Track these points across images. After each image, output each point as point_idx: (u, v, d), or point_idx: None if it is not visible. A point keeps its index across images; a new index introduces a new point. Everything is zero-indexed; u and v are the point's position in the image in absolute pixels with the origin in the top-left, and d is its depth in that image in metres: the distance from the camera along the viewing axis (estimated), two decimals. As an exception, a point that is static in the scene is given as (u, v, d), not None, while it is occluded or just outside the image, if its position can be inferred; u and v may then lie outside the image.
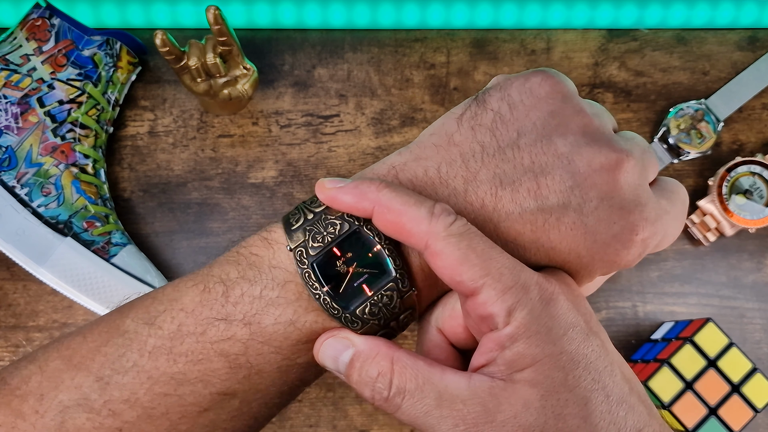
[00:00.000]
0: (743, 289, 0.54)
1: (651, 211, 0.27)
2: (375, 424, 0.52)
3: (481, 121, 0.27)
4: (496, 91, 0.28)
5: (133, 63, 0.53)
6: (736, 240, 0.55)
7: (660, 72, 0.57)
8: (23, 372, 0.26)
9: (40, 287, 0.52)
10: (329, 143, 0.55)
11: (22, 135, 0.48)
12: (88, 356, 0.26)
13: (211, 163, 0.54)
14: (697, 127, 0.55)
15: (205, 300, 0.25)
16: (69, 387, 0.25)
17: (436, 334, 0.27)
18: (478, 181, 0.26)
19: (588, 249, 0.26)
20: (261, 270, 0.26)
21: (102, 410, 0.25)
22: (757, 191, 0.53)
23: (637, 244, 0.26)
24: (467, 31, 0.57)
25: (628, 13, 0.59)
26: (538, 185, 0.26)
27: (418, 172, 0.26)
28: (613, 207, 0.26)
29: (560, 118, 0.27)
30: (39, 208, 0.48)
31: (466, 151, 0.27)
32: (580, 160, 0.26)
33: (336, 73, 0.56)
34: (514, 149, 0.26)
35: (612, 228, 0.26)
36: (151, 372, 0.25)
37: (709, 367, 0.47)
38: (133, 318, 0.26)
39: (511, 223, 0.26)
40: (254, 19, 0.58)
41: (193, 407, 0.25)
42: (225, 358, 0.25)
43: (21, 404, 0.25)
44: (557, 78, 0.28)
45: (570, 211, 0.26)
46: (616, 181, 0.26)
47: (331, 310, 0.25)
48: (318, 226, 0.26)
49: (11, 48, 0.50)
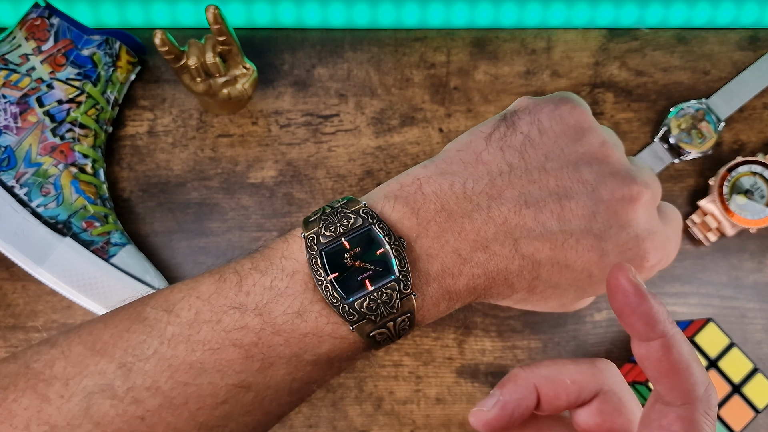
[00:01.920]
0: (744, 289, 0.54)
1: (659, 239, 0.29)
2: (375, 425, 0.52)
3: (511, 143, 0.28)
4: (525, 115, 0.29)
5: (133, 62, 0.53)
6: (737, 240, 0.54)
7: (661, 72, 0.57)
8: (46, 357, 0.26)
9: (39, 287, 0.52)
10: (329, 143, 0.55)
11: (21, 135, 0.48)
12: (111, 342, 0.26)
13: (210, 162, 0.54)
14: (697, 126, 0.54)
15: (220, 289, 0.26)
16: (93, 372, 0.25)
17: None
18: (503, 199, 0.27)
19: (601, 270, 0.28)
20: (272, 261, 0.27)
21: (125, 397, 0.25)
22: (758, 191, 0.53)
23: (646, 269, 0.29)
24: (467, 31, 0.57)
25: (628, 13, 0.59)
26: (561, 208, 0.27)
27: (443, 185, 0.27)
28: (630, 235, 0.28)
29: (586, 147, 0.29)
30: (38, 208, 0.47)
31: (493, 170, 0.28)
32: (604, 188, 0.28)
33: (336, 72, 0.56)
34: (541, 172, 0.28)
35: (626, 254, 0.28)
36: (171, 360, 0.25)
37: (710, 368, 0.47)
38: (153, 306, 0.27)
39: (531, 240, 0.27)
40: (254, 18, 0.58)
41: (211, 398, 0.26)
42: (239, 348, 0.25)
43: (46, 388, 0.25)
44: (583, 108, 0.30)
45: (590, 235, 0.27)
46: (635, 212, 0.28)
47: (330, 299, 0.25)
48: (333, 218, 0.27)
49: (10, 47, 0.49)
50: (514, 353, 0.53)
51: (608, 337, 0.53)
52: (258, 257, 0.27)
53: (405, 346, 0.52)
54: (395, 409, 0.52)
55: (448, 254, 0.27)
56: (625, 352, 0.53)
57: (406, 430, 0.52)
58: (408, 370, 0.52)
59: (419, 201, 0.27)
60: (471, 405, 0.52)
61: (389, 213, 0.27)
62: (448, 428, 0.52)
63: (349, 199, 0.28)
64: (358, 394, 0.52)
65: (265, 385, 0.26)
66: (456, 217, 0.27)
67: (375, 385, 0.52)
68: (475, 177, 0.28)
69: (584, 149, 0.28)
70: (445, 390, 0.52)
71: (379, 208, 0.27)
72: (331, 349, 0.26)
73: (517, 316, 0.53)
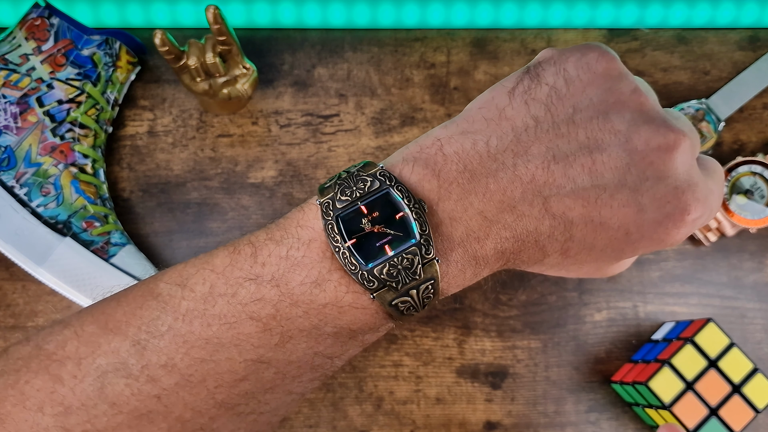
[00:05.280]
0: (744, 289, 0.54)
1: (701, 191, 0.27)
2: (375, 425, 0.52)
3: (536, 95, 0.27)
4: (550, 65, 0.27)
5: (133, 62, 0.53)
6: (737, 240, 0.54)
7: (661, 71, 0.57)
8: (58, 337, 0.26)
9: (39, 287, 0.52)
10: (329, 143, 0.55)
11: (21, 135, 0.48)
12: (124, 320, 0.25)
13: (210, 162, 0.54)
14: (698, 126, 0.54)
15: (234, 261, 0.25)
16: (106, 351, 0.25)
17: None
18: (530, 156, 0.26)
19: (639, 227, 0.26)
20: (288, 230, 0.26)
21: (140, 376, 0.24)
22: (758, 191, 0.53)
23: (688, 224, 0.27)
24: (467, 31, 0.57)
25: (628, 13, 0.59)
26: (593, 161, 0.26)
27: (465, 145, 0.26)
28: (669, 187, 0.26)
29: (617, 95, 0.27)
30: (38, 208, 0.47)
31: (518, 125, 0.26)
32: (637, 138, 0.26)
33: (336, 72, 0.56)
34: (569, 124, 0.26)
35: (665, 207, 0.26)
36: (187, 336, 0.25)
37: (710, 368, 0.47)
38: (167, 281, 0.26)
39: (561, 198, 0.25)
40: (254, 18, 0.58)
41: (229, 375, 0.25)
42: (257, 321, 0.25)
43: (59, 369, 0.25)
44: (612, 54, 0.28)
45: (625, 189, 0.26)
46: (673, 161, 0.26)
47: (348, 266, 0.24)
48: (349, 182, 0.26)
49: (10, 47, 0.49)
50: (514, 353, 0.53)
51: (608, 337, 0.53)
52: (273, 228, 0.26)
53: (405, 346, 0.52)
54: (395, 409, 0.52)
55: (473, 217, 0.25)
56: (625, 352, 0.53)
57: (406, 430, 0.52)
58: (408, 370, 0.52)
59: (440, 162, 0.26)
60: (471, 405, 0.52)
61: (408, 175, 0.26)
62: (448, 428, 0.52)
63: (366, 163, 0.26)
64: (358, 394, 0.52)
65: (285, 361, 0.26)
66: (480, 178, 0.26)
67: (375, 385, 0.52)
68: (499, 134, 0.26)
69: (615, 98, 0.26)
70: (445, 390, 0.52)
71: (398, 171, 0.26)
72: (352, 320, 0.25)
73: (517, 316, 0.53)
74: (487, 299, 0.53)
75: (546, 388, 0.52)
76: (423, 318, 0.53)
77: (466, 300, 0.53)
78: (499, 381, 0.52)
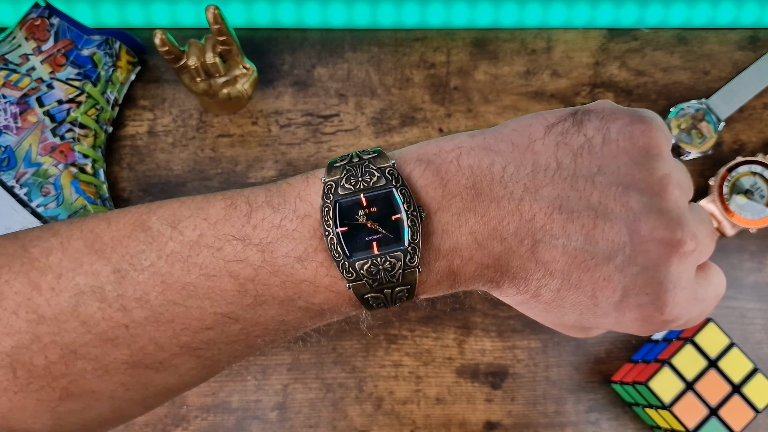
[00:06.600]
0: (744, 289, 0.54)
1: (684, 296, 0.26)
2: (375, 425, 0.51)
3: (569, 141, 0.27)
4: (596, 118, 0.27)
5: (133, 62, 0.53)
6: (737, 240, 0.54)
7: (661, 72, 0.57)
8: (45, 244, 0.26)
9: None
10: (329, 143, 0.55)
11: (22, 135, 0.48)
12: (110, 245, 0.26)
13: (210, 162, 0.54)
14: (697, 126, 0.54)
15: (228, 216, 0.26)
16: (87, 272, 0.25)
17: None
18: (539, 195, 0.26)
19: (609, 305, 0.26)
20: (287, 199, 0.26)
21: (114, 303, 0.25)
22: (758, 191, 0.53)
23: (657, 324, 0.26)
24: (467, 31, 0.57)
25: (628, 13, 0.59)
26: (593, 225, 0.25)
27: (483, 161, 0.26)
28: (654, 280, 0.26)
29: (645, 174, 0.26)
30: (38, 208, 0.47)
31: (540, 162, 0.26)
32: (645, 222, 0.26)
33: (336, 72, 0.56)
34: (588, 182, 0.26)
35: (640, 297, 0.26)
36: (166, 277, 0.25)
37: (710, 368, 0.47)
38: (159, 217, 0.27)
39: (550, 248, 0.26)
40: (254, 18, 0.58)
41: (197, 322, 0.26)
42: (235, 280, 0.25)
43: (39, 278, 0.25)
44: (661, 132, 0.27)
45: (611, 264, 0.26)
46: (668, 259, 0.26)
47: (333, 252, 0.25)
48: (357, 170, 0.26)
49: (10, 47, 0.49)
50: (514, 353, 0.53)
51: (608, 337, 0.53)
52: (274, 191, 0.26)
53: (405, 346, 0.52)
54: (395, 409, 0.52)
55: (464, 235, 0.26)
56: (625, 352, 0.53)
57: (406, 430, 0.52)
58: (408, 370, 0.52)
59: (451, 171, 0.26)
60: (471, 405, 0.52)
61: (416, 178, 0.26)
62: (448, 428, 0.52)
63: (379, 153, 0.26)
64: (358, 394, 0.52)
65: (253, 321, 0.26)
66: (483, 199, 0.26)
67: (375, 385, 0.52)
68: (519, 163, 0.26)
69: (641, 175, 0.26)
70: (445, 390, 0.52)
71: (408, 170, 0.26)
72: (324, 300, 0.26)
73: (517, 316, 0.53)
74: (487, 299, 0.53)
75: (546, 388, 0.52)
76: (423, 318, 0.53)
77: (466, 300, 0.53)
78: (499, 381, 0.52)
